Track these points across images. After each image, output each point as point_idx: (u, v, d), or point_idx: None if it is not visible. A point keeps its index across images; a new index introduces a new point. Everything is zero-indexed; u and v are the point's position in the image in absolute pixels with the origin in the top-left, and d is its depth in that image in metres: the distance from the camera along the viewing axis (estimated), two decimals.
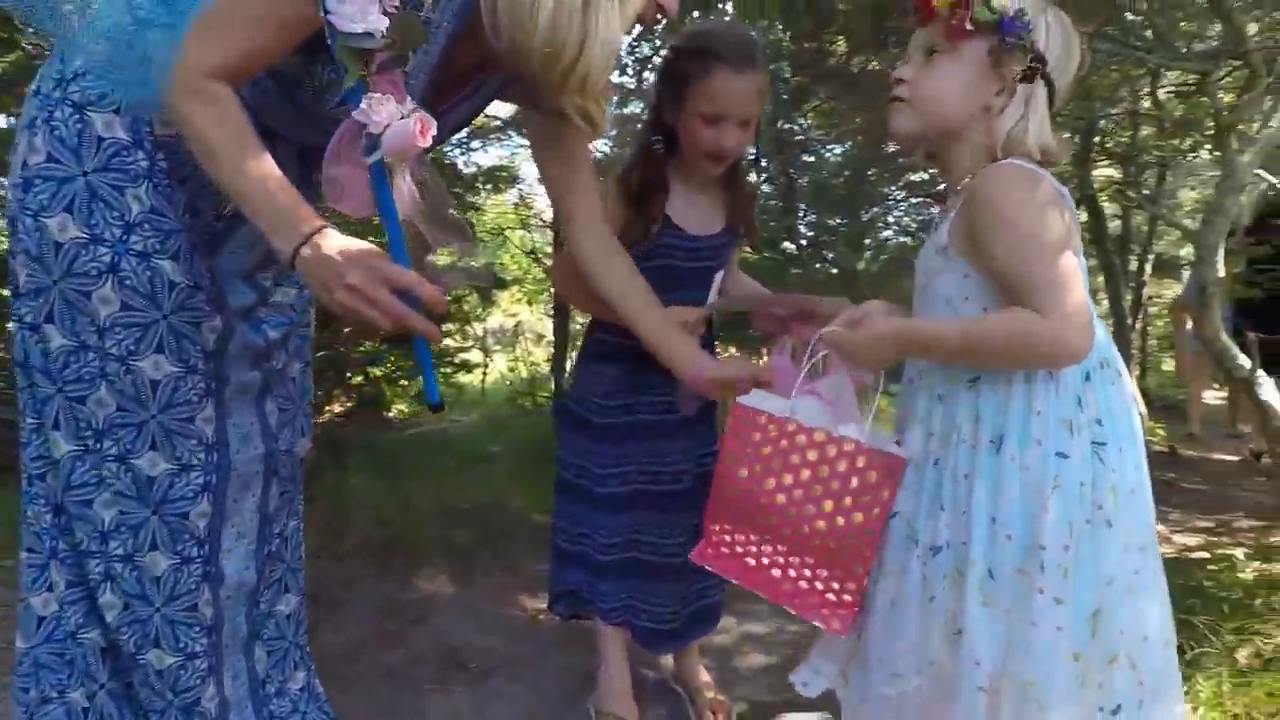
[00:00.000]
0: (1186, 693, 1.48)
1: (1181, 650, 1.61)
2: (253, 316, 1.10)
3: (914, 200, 7.54)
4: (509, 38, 0.87)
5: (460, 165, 4.94)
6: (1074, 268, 0.90)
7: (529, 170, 5.40)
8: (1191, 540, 2.87)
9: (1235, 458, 4.61)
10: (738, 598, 1.78)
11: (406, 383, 5.17)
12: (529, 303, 6.80)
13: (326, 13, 0.82)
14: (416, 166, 0.95)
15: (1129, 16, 2.05)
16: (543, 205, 5.58)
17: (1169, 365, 9.45)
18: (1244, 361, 1.74)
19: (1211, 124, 2.38)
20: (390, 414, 5.24)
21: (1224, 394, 6.86)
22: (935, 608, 0.93)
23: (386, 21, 0.83)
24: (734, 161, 1.50)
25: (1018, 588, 0.89)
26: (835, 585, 0.97)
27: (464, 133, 4.74)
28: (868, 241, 7.32)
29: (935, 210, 1.11)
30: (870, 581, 0.98)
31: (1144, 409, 4.41)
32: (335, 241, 0.86)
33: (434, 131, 0.91)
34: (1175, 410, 6.35)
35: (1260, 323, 3.07)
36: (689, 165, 1.47)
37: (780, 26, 4.13)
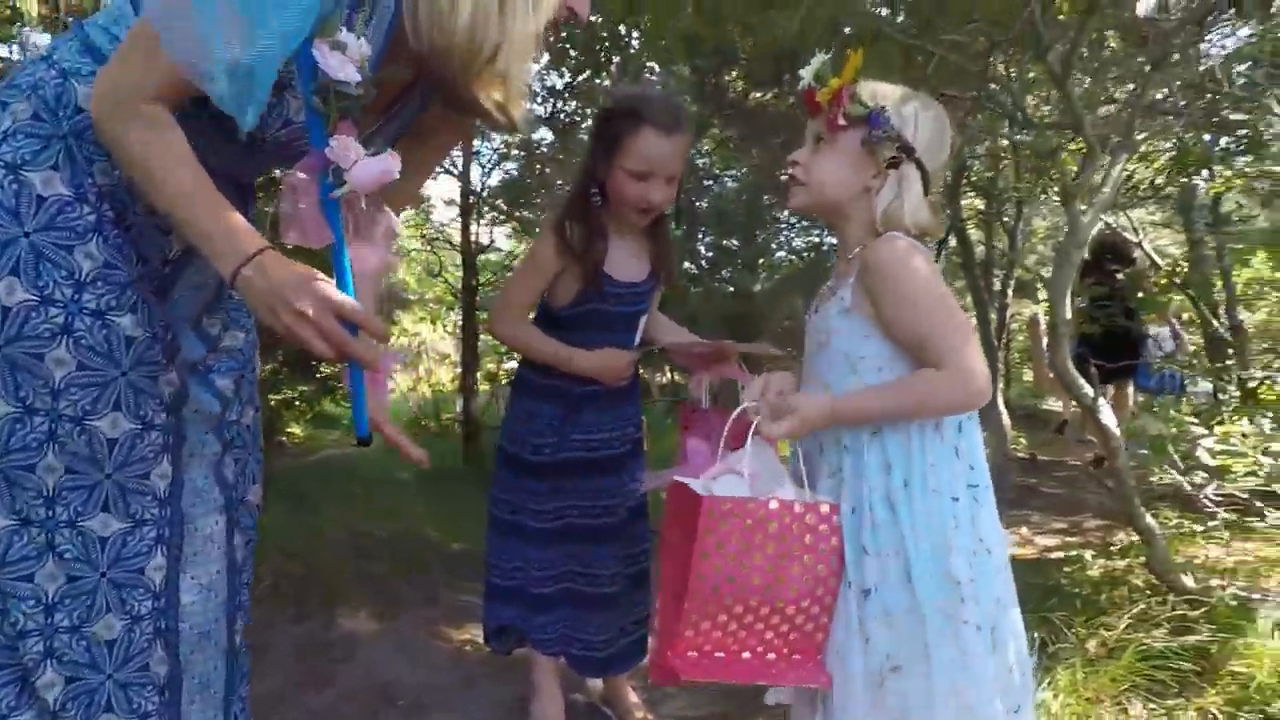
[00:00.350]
0: (1048, 683, 1.71)
1: (1044, 644, 1.87)
2: (200, 370, 1.09)
3: (804, 224, 7.98)
4: (429, 39, 0.93)
5: None
6: (968, 324, 1.06)
7: (433, 189, 5.40)
8: (1050, 541, 3.24)
9: (1080, 461, 5.18)
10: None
11: (304, 406, 5.01)
12: (431, 321, 6.71)
13: (314, 59, 0.88)
14: (364, 199, 0.99)
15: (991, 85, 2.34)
16: (443, 217, 5.55)
17: (1028, 376, 10.43)
18: (1088, 390, 2.03)
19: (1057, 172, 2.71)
20: (283, 439, 5.05)
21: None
22: (871, 649, 1.02)
23: (359, 77, 0.91)
24: (658, 213, 1.62)
25: (949, 622, 1.00)
26: (804, 644, 1.02)
27: None
28: (761, 261, 7.70)
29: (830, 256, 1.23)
30: None
31: (1008, 420, 4.89)
32: (283, 264, 0.87)
33: (399, 166, 0.98)
34: (1034, 418, 7.05)
35: (1099, 351, 3.59)
36: (617, 216, 1.58)
37: (683, 64, 4.34)
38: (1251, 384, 2.44)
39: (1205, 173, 3.30)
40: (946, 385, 1.00)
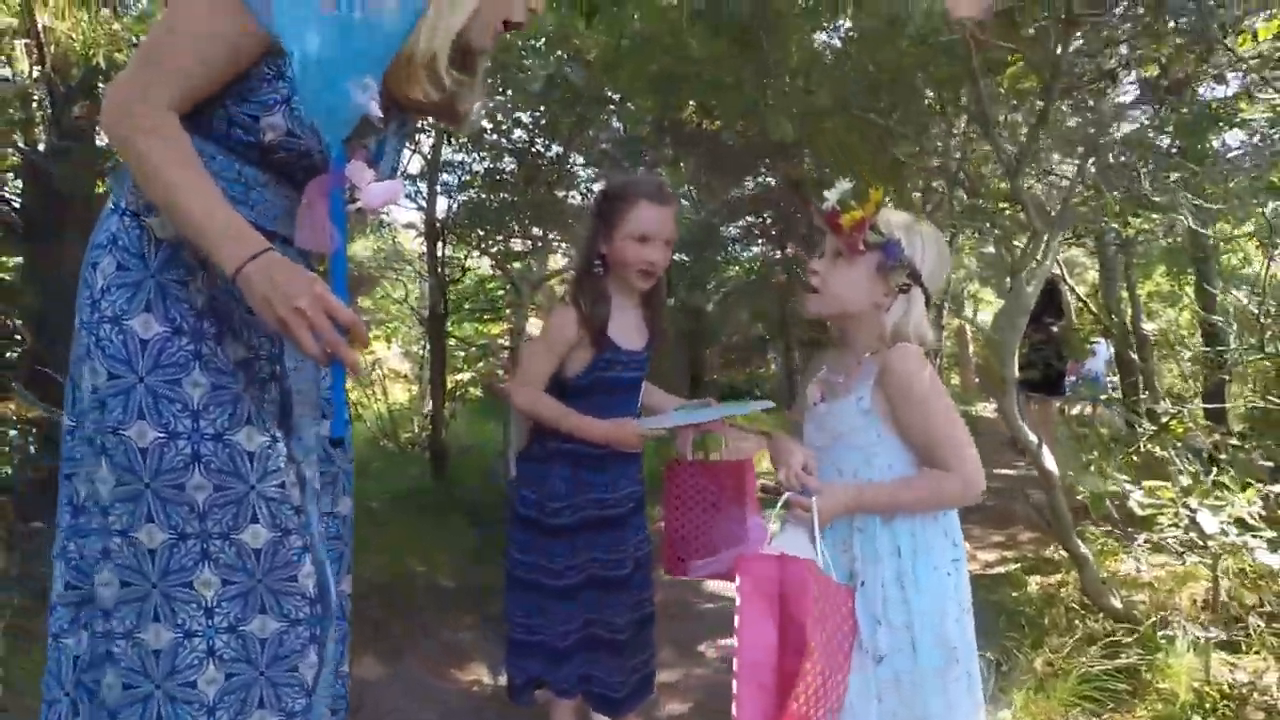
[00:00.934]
0: (1007, 704, 1.96)
1: (998, 664, 2.12)
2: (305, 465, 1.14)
3: (749, 240, 8.26)
4: None
5: None
6: (966, 429, 1.21)
7: (395, 214, 5.40)
8: (990, 556, 3.55)
9: (1011, 471, 5.60)
10: None
11: None
12: (387, 340, 6.68)
13: (349, 95, 0.99)
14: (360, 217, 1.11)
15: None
16: (404, 241, 5.57)
17: (955, 379, 11.06)
18: (1033, 437, 2.29)
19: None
20: None
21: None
22: (883, 709, 1.18)
23: (380, 112, 1.03)
24: (656, 280, 1.76)
25: (941, 680, 1.19)
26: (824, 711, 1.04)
27: None
28: (711, 275, 7.94)
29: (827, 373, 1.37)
30: None
31: None
32: (286, 265, 0.94)
33: (403, 191, 1.08)
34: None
35: (1034, 386, 4.23)
36: (620, 283, 1.74)
37: (647, 106, 4.49)
38: (1164, 418, 2.77)
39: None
40: (954, 487, 1.19)
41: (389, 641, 2.48)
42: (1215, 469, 2.46)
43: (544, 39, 3.24)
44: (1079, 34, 2.09)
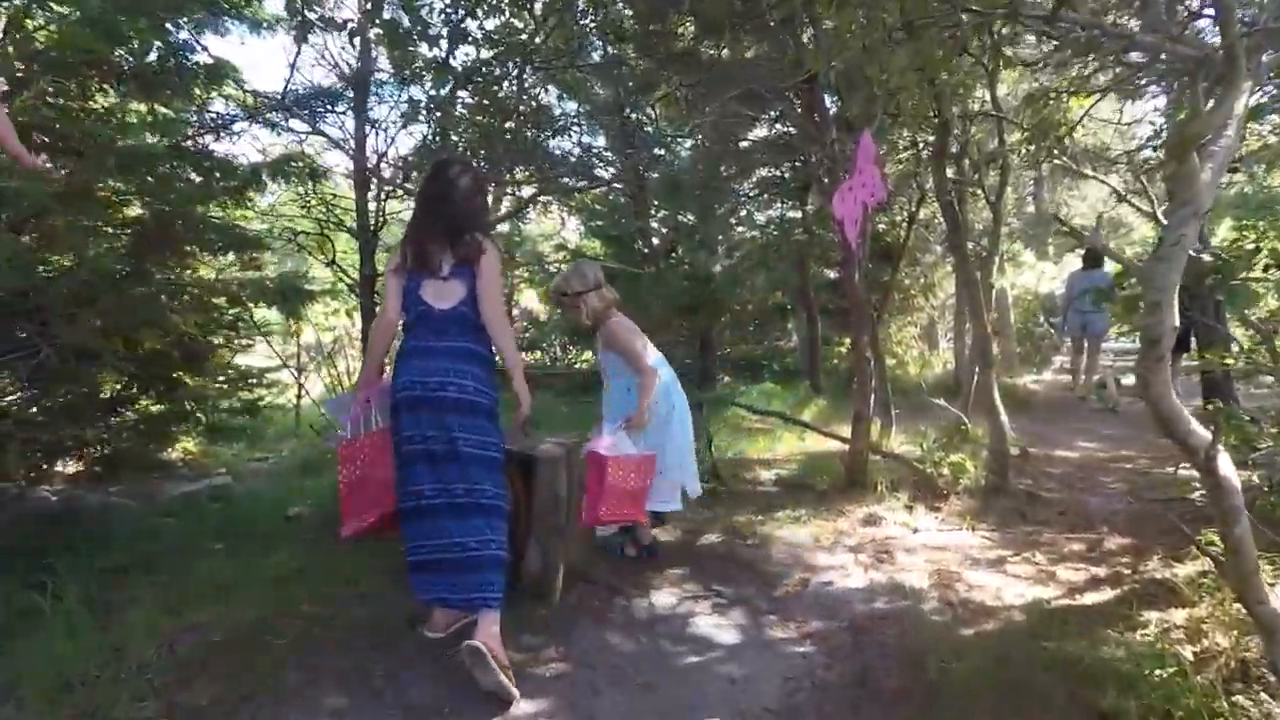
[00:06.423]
0: None
1: None
2: None
3: (765, 196, 7.36)
4: None
5: (240, 156, 4.05)
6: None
7: (336, 160, 4.56)
8: (1076, 575, 2.68)
9: (1073, 454, 4.73)
10: None
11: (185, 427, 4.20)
12: (349, 315, 5.92)
13: None
14: None
15: None
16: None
17: (996, 350, 10.12)
18: (1206, 435, 1.46)
19: None
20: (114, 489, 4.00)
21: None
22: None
23: None
24: None
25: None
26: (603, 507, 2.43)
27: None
28: (721, 238, 7.05)
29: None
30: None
31: (1005, 415, 4.37)
32: None
33: None
34: (1008, 397, 6.65)
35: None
36: None
37: (622, 6, 3.62)
38: None
39: None
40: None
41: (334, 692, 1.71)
42: None
43: None
44: None
